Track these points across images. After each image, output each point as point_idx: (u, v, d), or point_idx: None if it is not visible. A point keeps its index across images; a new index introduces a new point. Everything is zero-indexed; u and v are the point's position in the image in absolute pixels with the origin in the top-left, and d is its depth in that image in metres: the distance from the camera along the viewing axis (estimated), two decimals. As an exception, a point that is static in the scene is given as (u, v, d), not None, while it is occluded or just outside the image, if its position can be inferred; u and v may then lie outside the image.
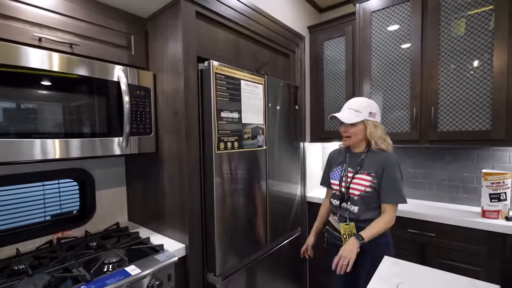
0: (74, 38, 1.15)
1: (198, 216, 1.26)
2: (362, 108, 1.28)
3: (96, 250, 1.18)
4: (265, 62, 1.64)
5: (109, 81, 1.17)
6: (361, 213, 1.26)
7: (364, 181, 1.27)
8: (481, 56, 1.59)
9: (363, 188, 1.26)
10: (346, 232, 1.28)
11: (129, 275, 1.00)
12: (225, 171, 1.29)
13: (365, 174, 1.27)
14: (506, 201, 1.54)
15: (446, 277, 0.92)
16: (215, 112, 1.23)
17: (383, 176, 1.23)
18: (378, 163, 1.25)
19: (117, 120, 1.19)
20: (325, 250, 2.06)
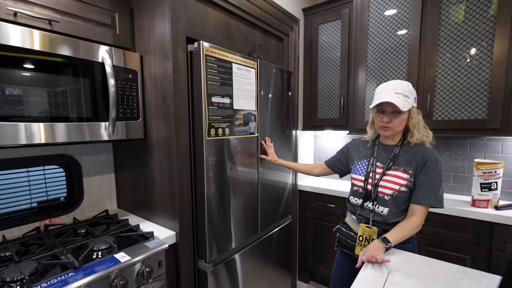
0: (53, 14, 1.04)
1: (188, 203, 1.22)
2: (410, 92, 1.04)
3: (85, 237, 1.14)
4: (258, 45, 1.55)
5: (93, 62, 1.08)
6: (391, 215, 1.08)
7: (399, 179, 1.07)
8: (480, 43, 1.52)
9: (397, 187, 1.06)
10: (365, 235, 1.11)
11: (118, 262, 0.97)
12: (216, 158, 1.24)
13: (401, 171, 1.07)
14: (496, 191, 1.53)
15: (435, 264, 0.92)
16: (205, 96, 1.16)
17: (422, 173, 1.04)
18: (417, 158, 1.06)
19: (103, 104, 1.12)
20: (314, 239, 2.08)
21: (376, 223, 1.12)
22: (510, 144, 1.68)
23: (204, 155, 1.18)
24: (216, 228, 1.27)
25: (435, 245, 1.60)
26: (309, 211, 2.10)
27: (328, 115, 2.11)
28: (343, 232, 1.23)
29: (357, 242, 1.15)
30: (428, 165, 1.04)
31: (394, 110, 1.06)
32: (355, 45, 1.90)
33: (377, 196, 1.11)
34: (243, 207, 1.43)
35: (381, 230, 1.11)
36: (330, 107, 2.10)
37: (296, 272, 2.21)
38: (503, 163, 1.54)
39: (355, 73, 1.92)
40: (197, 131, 1.20)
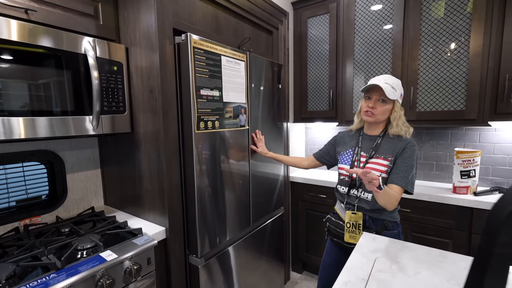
0: (30, 3, 0.97)
1: (178, 198, 1.18)
2: (397, 87, 1.11)
3: (69, 236, 1.07)
4: (247, 38, 1.52)
5: (75, 54, 1.02)
6: (375, 201, 1.12)
7: (380, 166, 1.11)
8: (458, 38, 1.57)
9: (378, 174, 1.11)
10: (351, 221, 1.16)
11: (104, 261, 0.91)
12: (206, 152, 1.21)
13: (382, 159, 1.12)
14: (475, 178, 1.58)
15: (419, 250, 0.94)
16: (194, 89, 1.13)
17: (400, 156, 1.08)
18: (397, 147, 1.11)
19: (87, 98, 1.05)
20: (306, 229, 2.09)
21: (362, 209, 1.16)
22: (486, 134, 1.75)
23: (194, 148, 1.15)
24: (208, 222, 1.24)
25: (420, 231, 1.63)
26: (301, 202, 2.11)
27: (318, 107, 2.12)
28: (333, 221, 1.25)
29: (345, 229, 1.18)
30: (406, 151, 1.10)
31: (381, 98, 1.11)
32: (343, 39, 1.91)
33: (361, 183, 1.15)
34: (236, 199, 1.40)
35: (367, 217, 1.15)
36: (320, 99, 2.10)
37: (289, 263, 2.21)
38: (480, 152, 1.60)
39: (343, 66, 1.93)
40: (186, 124, 1.16)
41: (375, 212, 1.14)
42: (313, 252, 2.10)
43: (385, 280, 0.78)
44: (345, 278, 0.80)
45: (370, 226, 1.15)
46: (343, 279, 0.79)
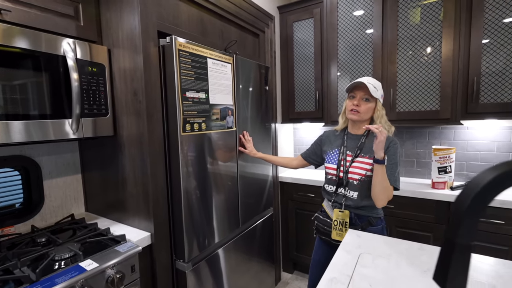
0: (4, 2, 0.92)
1: (164, 202, 1.14)
2: (379, 87, 1.16)
3: (45, 246, 1.00)
4: (234, 41, 1.52)
5: (54, 56, 0.97)
6: (360, 199, 1.15)
7: (365, 165, 1.14)
8: (432, 43, 1.65)
9: (363, 172, 1.14)
10: (339, 219, 1.17)
11: (84, 271, 0.86)
12: (193, 154, 1.18)
13: (367, 158, 1.15)
14: (451, 173, 1.66)
15: (400, 244, 0.98)
16: (179, 91, 1.11)
17: (385, 154, 1.11)
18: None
19: (66, 100, 1.01)
20: (296, 229, 2.09)
21: (348, 207, 1.18)
22: (460, 132, 1.85)
23: (180, 150, 1.12)
24: (196, 225, 1.21)
25: (404, 226, 1.68)
26: (290, 202, 2.11)
27: (305, 108, 2.15)
28: (320, 219, 1.26)
29: (332, 227, 1.20)
30: (389, 149, 1.13)
31: (364, 96, 1.15)
32: (327, 42, 1.96)
33: (348, 182, 1.17)
34: (224, 201, 1.38)
35: (353, 215, 1.18)
36: (307, 100, 2.14)
37: (280, 263, 2.19)
38: (455, 149, 1.68)
39: (328, 69, 1.97)
40: (171, 127, 1.14)
41: (360, 209, 1.16)
42: (304, 251, 2.10)
43: (368, 275, 0.80)
44: (331, 275, 0.80)
45: (356, 222, 1.17)
46: (329, 276, 0.80)
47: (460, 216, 0.27)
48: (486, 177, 0.27)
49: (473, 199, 0.27)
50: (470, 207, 0.27)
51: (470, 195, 0.27)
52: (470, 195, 0.27)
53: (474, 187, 0.27)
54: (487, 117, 1.57)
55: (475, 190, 0.27)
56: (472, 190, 0.27)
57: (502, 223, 1.42)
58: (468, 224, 0.27)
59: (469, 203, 0.27)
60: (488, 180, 0.27)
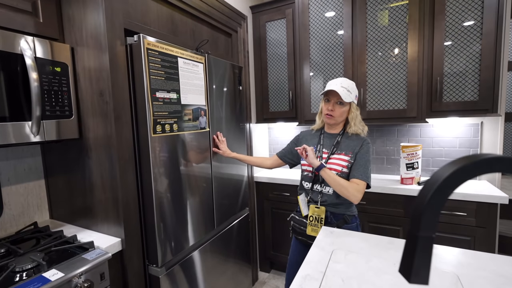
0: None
1: (135, 206, 1.11)
2: (353, 89, 1.19)
3: (4, 257, 0.94)
4: (205, 40, 1.51)
5: (11, 54, 0.91)
6: (336, 195, 1.19)
7: (341, 161, 1.19)
8: (399, 45, 1.73)
9: (339, 169, 1.18)
10: (314, 215, 1.20)
11: (47, 281, 0.82)
12: (164, 156, 1.16)
13: (343, 155, 1.20)
14: (418, 169, 1.75)
15: (371, 239, 1.02)
16: (149, 92, 1.08)
17: (358, 152, 1.18)
18: (355, 144, 1.20)
19: (26, 102, 0.95)
20: (272, 228, 2.12)
21: (324, 203, 1.21)
22: (425, 129, 1.95)
23: (150, 153, 1.09)
24: (169, 228, 1.19)
25: (376, 221, 1.76)
26: (266, 201, 2.13)
27: (279, 108, 2.17)
28: (297, 220, 1.28)
29: (308, 223, 1.22)
30: (363, 147, 1.19)
31: (338, 101, 1.18)
32: (299, 42, 1.99)
33: (323, 178, 1.18)
34: (199, 203, 1.37)
35: (329, 213, 1.20)
36: (281, 100, 2.16)
37: (257, 263, 2.20)
38: (421, 146, 1.78)
39: (301, 69, 2.01)
40: (141, 128, 1.11)
41: (336, 207, 1.20)
42: (280, 250, 2.14)
43: (341, 270, 0.82)
44: (305, 272, 0.82)
45: (331, 221, 1.20)
46: (303, 273, 0.82)
47: (421, 211, 0.29)
48: (444, 173, 0.29)
49: (433, 195, 0.28)
50: (430, 202, 0.28)
51: (430, 191, 0.29)
52: (430, 190, 0.29)
53: (433, 182, 0.29)
54: (450, 115, 1.67)
55: (434, 186, 0.29)
56: (431, 186, 0.29)
57: (465, 215, 1.52)
58: (428, 218, 0.29)
59: (429, 198, 0.28)
60: (446, 175, 0.28)
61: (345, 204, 1.20)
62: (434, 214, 0.29)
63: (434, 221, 0.29)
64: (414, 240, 0.29)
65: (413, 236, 0.30)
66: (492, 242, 1.49)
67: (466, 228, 1.53)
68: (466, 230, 1.53)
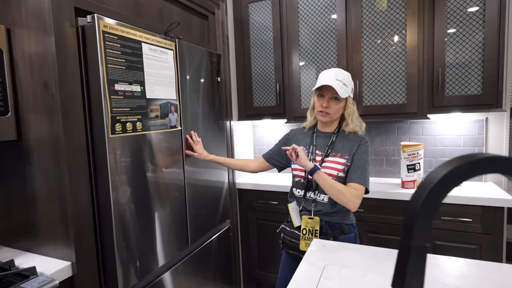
0: None
1: (89, 222, 1.06)
2: (349, 82, 1.18)
3: None
4: (176, 23, 1.47)
5: None
6: (331, 203, 1.18)
7: (337, 165, 1.18)
8: (397, 32, 1.77)
9: (335, 173, 1.17)
10: (308, 227, 1.19)
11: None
12: (126, 160, 1.12)
13: (338, 157, 1.19)
14: (420, 171, 1.80)
15: (367, 251, 1.03)
16: (106, 83, 1.05)
17: (356, 153, 1.17)
18: (352, 144, 1.20)
19: None
20: (258, 243, 2.10)
21: (319, 213, 1.20)
22: (428, 126, 2.02)
23: (108, 157, 1.06)
24: (133, 247, 1.14)
25: (374, 230, 1.79)
26: (250, 212, 2.12)
27: (265, 103, 2.16)
28: (287, 231, 1.27)
29: (301, 236, 1.20)
30: (361, 147, 1.19)
31: (333, 96, 1.17)
32: (287, 27, 2.00)
33: (317, 184, 1.18)
34: (170, 215, 1.33)
35: (323, 223, 1.20)
36: (267, 94, 2.16)
37: (240, 284, 2.18)
38: (423, 144, 1.84)
39: (289, 57, 2.02)
40: (96, 127, 1.06)
41: (331, 216, 1.19)
42: (268, 268, 2.12)
43: (333, 288, 0.82)
44: (292, 291, 0.81)
45: (327, 231, 1.20)
46: (290, 292, 0.80)
47: (413, 218, 0.29)
48: (437, 175, 0.29)
49: (425, 200, 0.29)
50: (422, 207, 0.29)
51: (422, 195, 0.29)
52: (422, 195, 0.29)
53: (425, 186, 0.29)
54: (453, 110, 1.74)
55: (426, 190, 0.29)
56: (424, 189, 0.29)
57: (470, 220, 1.58)
58: (421, 225, 0.29)
59: (421, 203, 0.29)
60: (439, 177, 0.29)
61: (342, 212, 1.20)
62: (427, 221, 0.30)
63: (427, 228, 0.30)
64: (407, 250, 0.30)
65: (406, 245, 0.30)
66: (499, 250, 1.55)
67: (471, 236, 1.58)
68: (471, 238, 1.58)
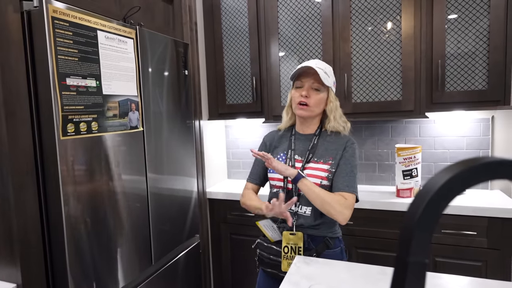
0: None
1: (37, 240, 1.16)
2: (330, 73, 1.28)
3: None
4: (136, 7, 1.58)
5: None
6: (315, 215, 1.26)
7: (320, 172, 1.25)
8: (391, 18, 1.96)
9: (318, 181, 1.24)
10: (290, 245, 1.26)
11: None
12: (80, 166, 1.22)
13: (321, 163, 1.27)
14: (417, 178, 1.99)
15: (357, 269, 1.14)
16: (55, 78, 1.14)
17: (342, 157, 1.25)
18: (336, 146, 1.27)
19: None
20: (232, 260, 2.19)
21: (301, 227, 1.30)
22: (426, 126, 2.24)
23: (59, 162, 1.15)
24: (88, 267, 1.25)
25: (365, 246, 1.97)
26: (223, 225, 2.24)
27: (240, 100, 2.31)
28: (264, 246, 1.37)
29: (282, 256, 1.29)
30: (347, 150, 1.29)
31: (314, 85, 1.28)
32: (264, 12, 2.16)
33: (299, 195, 1.29)
34: (131, 230, 1.45)
35: (306, 237, 1.30)
36: (242, 89, 2.31)
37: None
38: (421, 147, 2.03)
39: (267, 47, 2.18)
40: (45, 129, 1.16)
41: (315, 228, 1.29)
42: (243, 289, 2.25)
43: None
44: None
45: (309, 246, 1.31)
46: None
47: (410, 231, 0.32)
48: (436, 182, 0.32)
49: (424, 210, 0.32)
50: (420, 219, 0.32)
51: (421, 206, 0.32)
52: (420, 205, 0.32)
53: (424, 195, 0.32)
54: (454, 108, 1.93)
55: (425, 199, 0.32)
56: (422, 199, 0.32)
57: (474, 234, 1.75)
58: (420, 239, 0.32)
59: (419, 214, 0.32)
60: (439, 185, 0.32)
61: (327, 224, 1.30)
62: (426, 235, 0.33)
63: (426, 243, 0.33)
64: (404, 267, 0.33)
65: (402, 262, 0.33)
66: (507, 267, 1.71)
67: (475, 251, 1.75)
68: (476, 254, 1.75)
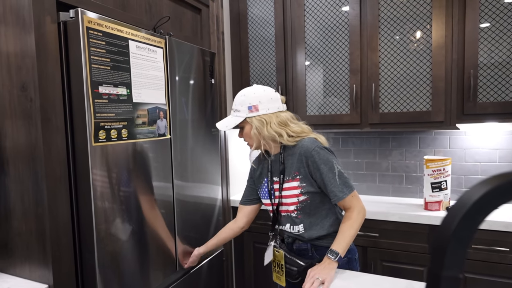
0: None
1: (68, 242, 1.20)
2: (239, 105, 1.32)
3: None
4: (166, 17, 1.63)
5: None
6: (309, 229, 1.31)
7: (293, 190, 1.31)
8: (420, 27, 1.94)
9: (295, 200, 1.30)
10: (276, 260, 1.36)
11: None
12: (110, 172, 1.26)
13: (291, 181, 1.32)
14: (446, 190, 1.94)
15: (383, 282, 1.12)
16: (89, 86, 1.18)
17: (312, 172, 1.27)
18: (296, 161, 1.30)
19: None
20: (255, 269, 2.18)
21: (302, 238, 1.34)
22: (456, 138, 2.18)
23: (90, 168, 1.19)
24: (115, 271, 1.28)
25: (391, 259, 1.94)
26: (246, 233, 2.24)
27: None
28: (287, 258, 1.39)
29: (272, 268, 1.39)
30: (310, 163, 1.27)
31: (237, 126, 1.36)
32: (291, 22, 2.17)
33: (287, 216, 1.34)
34: (156, 236, 1.47)
35: (309, 246, 1.33)
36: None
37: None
38: (451, 159, 1.98)
39: (293, 56, 2.19)
40: (78, 135, 1.20)
41: (317, 239, 1.32)
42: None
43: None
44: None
45: (313, 255, 1.33)
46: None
47: (445, 244, 0.32)
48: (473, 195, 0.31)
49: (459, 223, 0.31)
50: (456, 232, 0.31)
51: (456, 219, 0.32)
52: (456, 218, 0.32)
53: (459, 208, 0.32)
54: (487, 119, 1.88)
55: (460, 213, 0.31)
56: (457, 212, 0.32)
57: (507, 250, 1.69)
58: (454, 253, 0.31)
59: (454, 228, 0.31)
60: (475, 198, 0.30)
61: (330, 235, 1.30)
62: (461, 249, 0.31)
63: (461, 257, 0.31)
64: (436, 281, 0.32)
65: (435, 276, 0.32)
66: None
67: (508, 268, 1.69)
68: (509, 271, 1.69)
